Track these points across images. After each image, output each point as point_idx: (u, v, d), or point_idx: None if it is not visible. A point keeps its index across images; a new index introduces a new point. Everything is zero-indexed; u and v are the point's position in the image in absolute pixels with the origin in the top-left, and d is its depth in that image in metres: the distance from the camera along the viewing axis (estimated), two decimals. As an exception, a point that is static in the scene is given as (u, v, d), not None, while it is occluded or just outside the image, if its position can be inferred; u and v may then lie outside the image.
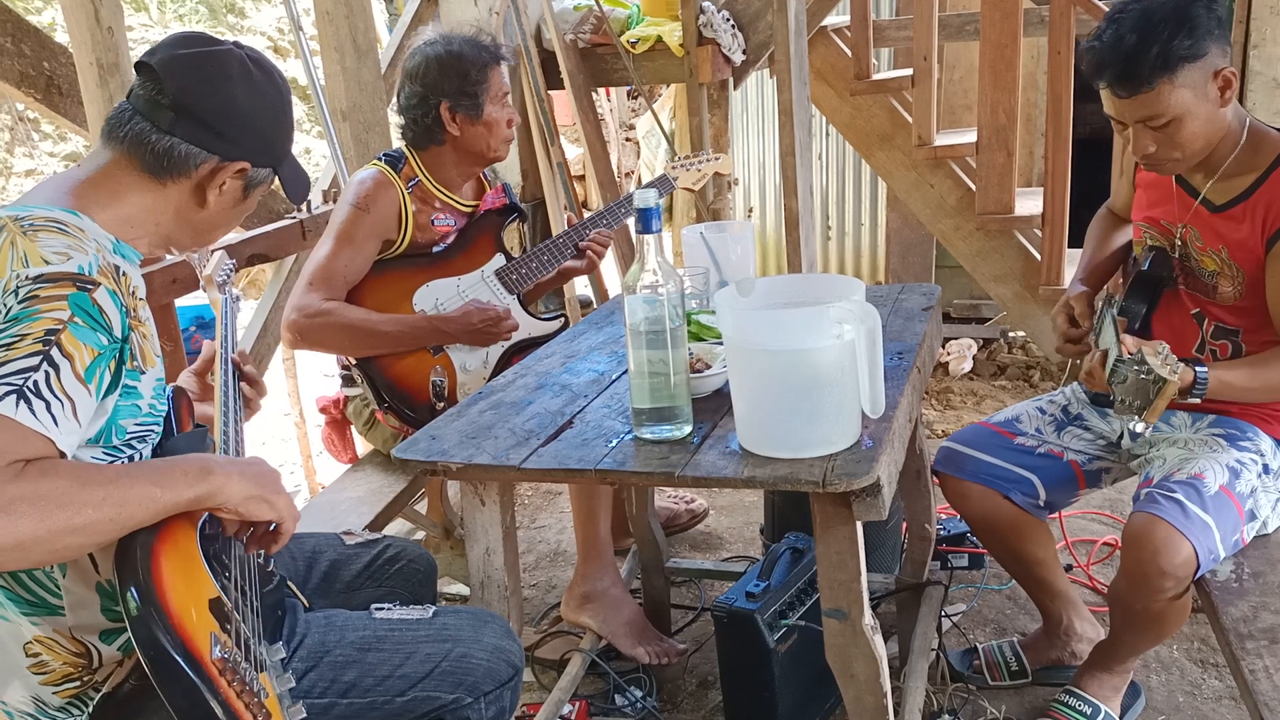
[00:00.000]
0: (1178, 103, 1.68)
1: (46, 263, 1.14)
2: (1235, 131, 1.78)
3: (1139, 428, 1.58)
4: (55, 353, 1.10)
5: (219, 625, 1.15)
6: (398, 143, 2.54)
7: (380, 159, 2.40)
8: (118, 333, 1.19)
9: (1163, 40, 1.64)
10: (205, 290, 1.87)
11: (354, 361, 2.38)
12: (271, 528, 1.31)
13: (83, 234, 1.22)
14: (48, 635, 1.25)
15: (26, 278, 1.13)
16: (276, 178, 1.46)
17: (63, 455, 1.10)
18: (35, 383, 1.07)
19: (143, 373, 1.26)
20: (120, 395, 1.22)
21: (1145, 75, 1.66)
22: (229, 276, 1.88)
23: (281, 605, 1.45)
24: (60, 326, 1.11)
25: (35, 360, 1.08)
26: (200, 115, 1.33)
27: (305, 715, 1.23)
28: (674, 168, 2.78)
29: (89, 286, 1.16)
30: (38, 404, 1.07)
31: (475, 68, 2.32)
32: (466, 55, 2.33)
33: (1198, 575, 1.71)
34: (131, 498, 1.10)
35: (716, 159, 2.80)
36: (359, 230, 2.29)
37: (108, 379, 1.18)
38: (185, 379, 1.68)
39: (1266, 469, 1.83)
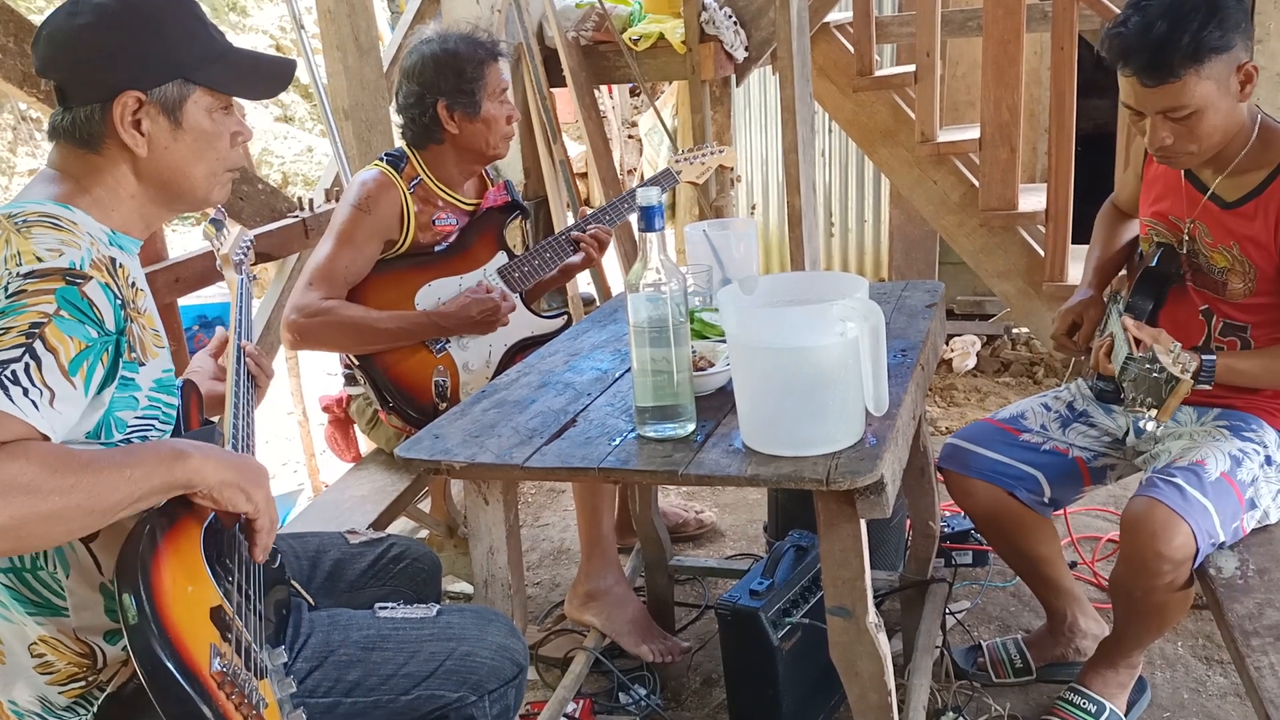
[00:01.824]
0: (1201, 95, 1.65)
1: (39, 259, 1.14)
2: (1247, 127, 1.77)
3: (1150, 426, 1.57)
4: (39, 345, 1.08)
5: (220, 635, 1.14)
6: (399, 142, 2.53)
7: (382, 159, 2.39)
8: (110, 326, 1.17)
9: (1193, 30, 1.61)
10: (222, 269, 1.84)
11: (357, 362, 2.38)
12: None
13: (76, 227, 1.21)
14: (52, 635, 1.25)
15: (18, 274, 1.12)
16: (218, 89, 1.34)
17: (45, 437, 1.08)
18: (14, 372, 1.06)
19: (142, 364, 1.25)
20: (116, 387, 1.21)
21: (1174, 65, 1.63)
22: (246, 255, 1.86)
23: (286, 605, 1.45)
24: (45, 320, 1.10)
25: (17, 352, 1.07)
26: (67, 75, 1.29)
27: None
28: (678, 161, 2.76)
29: (79, 280, 1.15)
30: (15, 390, 1.05)
31: (471, 65, 2.31)
32: (462, 52, 2.32)
33: (1198, 560, 1.71)
34: (102, 483, 1.08)
35: (721, 152, 2.78)
36: (360, 231, 2.29)
37: (99, 372, 1.17)
38: (201, 359, 1.67)
39: (1269, 460, 1.83)
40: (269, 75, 1.41)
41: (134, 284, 1.28)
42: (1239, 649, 1.56)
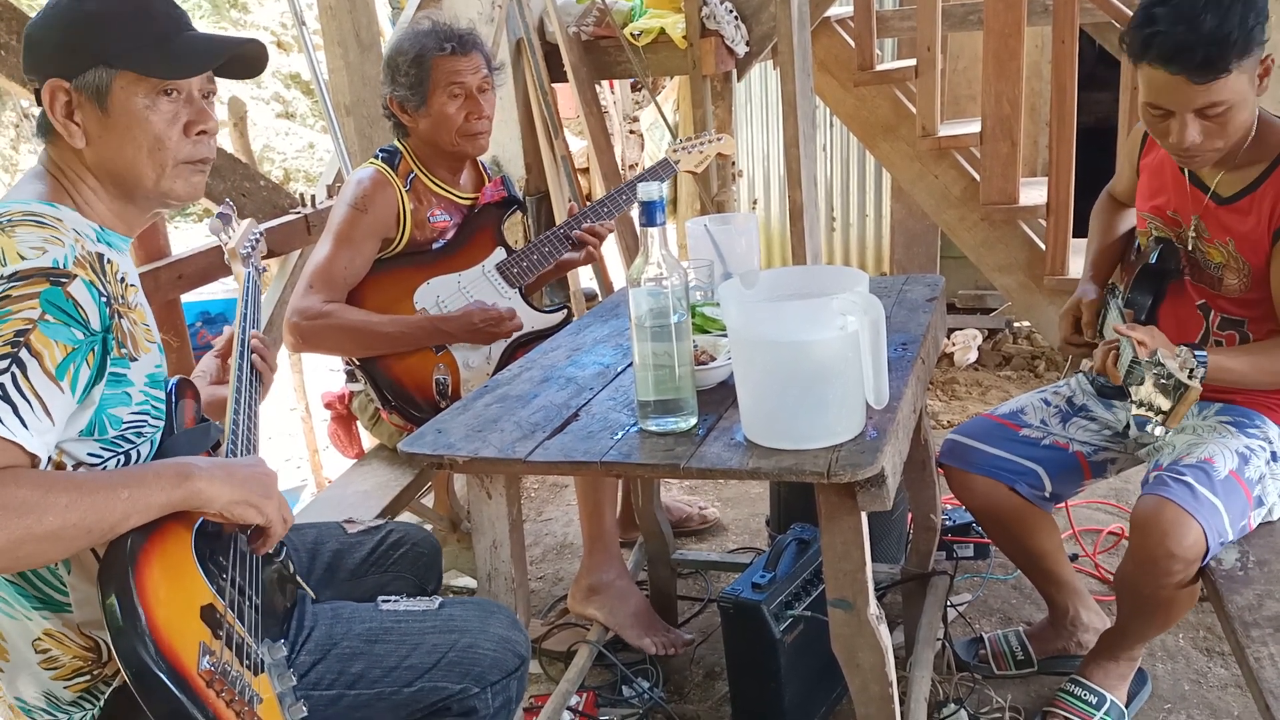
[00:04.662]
0: (1238, 89, 1.61)
1: (22, 258, 1.14)
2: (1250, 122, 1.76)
3: (1158, 431, 1.56)
4: (24, 353, 1.09)
5: (210, 633, 1.15)
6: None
7: (378, 157, 2.39)
8: (96, 325, 1.18)
9: (1237, 21, 1.56)
10: (230, 263, 1.83)
11: (357, 362, 2.38)
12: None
13: (60, 224, 1.21)
14: (57, 630, 1.26)
15: (2, 277, 1.12)
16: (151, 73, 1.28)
17: (34, 457, 1.09)
18: (1, 385, 1.07)
19: (134, 360, 1.25)
20: (107, 384, 1.22)
21: (1229, 59, 1.57)
22: (254, 248, 1.84)
23: (290, 598, 1.46)
24: (30, 326, 1.10)
25: (3, 363, 1.08)
26: (31, 73, 1.29)
27: (306, 715, 1.24)
28: (675, 151, 2.73)
29: (63, 280, 1.15)
30: (4, 408, 1.06)
31: (407, 58, 2.30)
32: (403, 46, 2.32)
33: (1206, 559, 1.71)
34: (98, 504, 1.09)
35: (719, 139, 2.75)
36: (357, 231, 2.29)
37: (86, 373, 1.17)
38: (208, 362, 1.67)
39: (1275, 456, 1.83)
40: (200, 54, 1.32)
41: (123, 279, 1.27)
42: (1239, 640, 1.57)
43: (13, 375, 1.08)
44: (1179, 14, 1.59)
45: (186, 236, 8.50)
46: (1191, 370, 1.54)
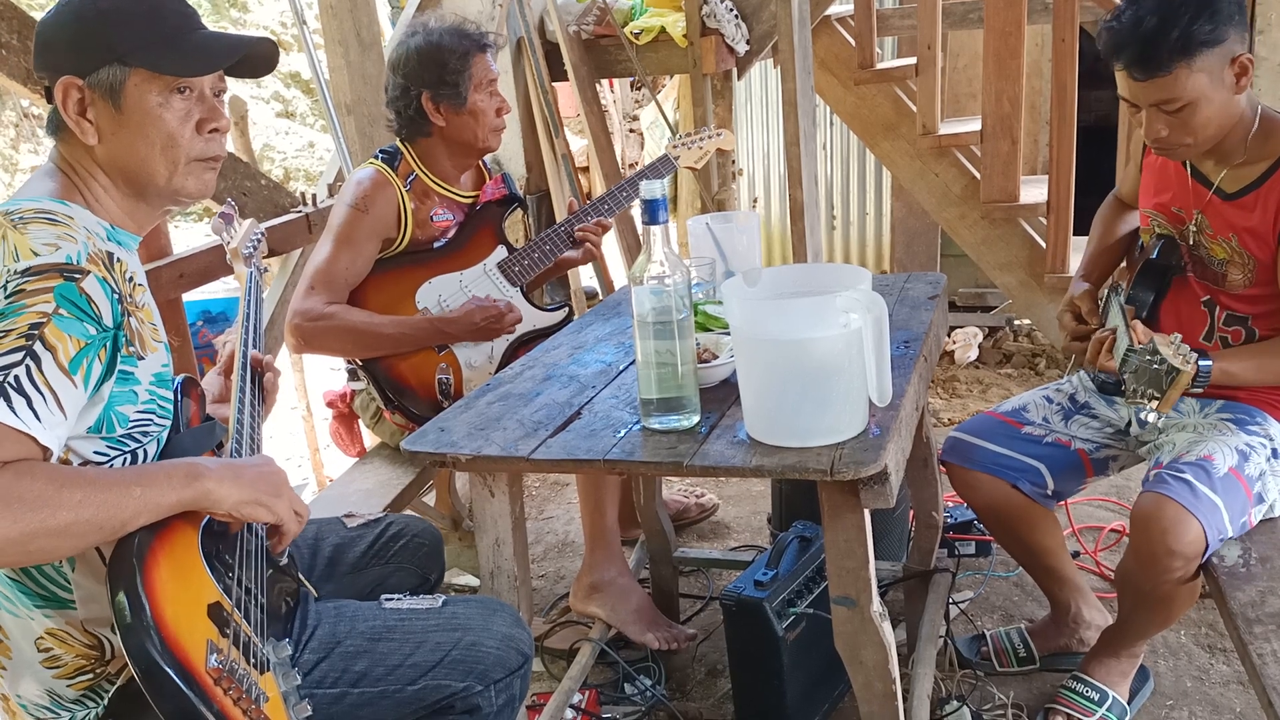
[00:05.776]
0: (1194, 88, 1.67)
1: (35, 254, 1.15)
2: (1248, 119, 1.77)
3: (1151, 417, 1.58)
4: (38, 346, 1.09)
5: (217, 631, 1.15)
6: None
7: (378, 157, 2.39)
8: (108, 321, 1.18)
9: (1183, 24, 1.63)
10: (231, 263, 1.82)
11: (359, 361, 2.38)
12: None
13: (72, 222, 1.21)
14: (60, 628, 1.26)
15: (15, 272, 1.13)
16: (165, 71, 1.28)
17: (46, 450, 1.09)
18: (16, 377, 1.07)
19: (141, 358, 1.26)
20: (115, 382, 1.22)
21: (1164, 59, 1.65)
22: (256, 248, 1.83)
23: (294, 596, 1.46)
24: (44, 319, 1.11)
25: (18, 355, 1.08)
26: (42, 70, 1.30)
27: (310, 713, 1.24)
28: (675, 146, 2.72)
29: (76, 276, 1.15)
30: (18, 400, 1.07)
31: (454, 56, 2.30)
32: (445, 44, 2.31)
33: (1206, 555, 1.72)
34: (110, 501, 1.09)
35: (719, 135, 2.74)
36: (358, 232, 2.29)
37: (98, 369, 1.17)
38: (211, 379, 1.67)
39: (1275, 453, 1.84)
40: (214, 53, 1.32)
41: (132, 278, 1.28)
42: (1242, 636, 1.57)
43: (27, 368, 1.08)
44: (1135, 14, 1.68)
45: (187, 235, 8.51)
46: (1185, 356, 1.55)
